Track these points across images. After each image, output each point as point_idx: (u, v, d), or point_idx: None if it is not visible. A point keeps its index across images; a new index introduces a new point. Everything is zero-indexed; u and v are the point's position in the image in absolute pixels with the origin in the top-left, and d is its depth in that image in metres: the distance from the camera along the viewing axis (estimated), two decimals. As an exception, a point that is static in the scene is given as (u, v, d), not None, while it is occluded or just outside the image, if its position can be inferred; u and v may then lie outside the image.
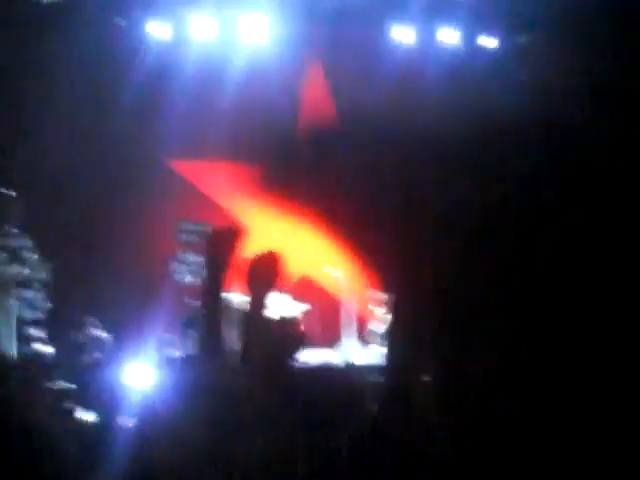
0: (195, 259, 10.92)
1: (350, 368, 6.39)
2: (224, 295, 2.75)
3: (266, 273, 2.68)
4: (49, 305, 9.83)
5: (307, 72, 11.48)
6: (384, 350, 2.43)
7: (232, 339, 3.01)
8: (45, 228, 9.99)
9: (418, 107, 11.17)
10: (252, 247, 2.76)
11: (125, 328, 8.25)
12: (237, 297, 2.54)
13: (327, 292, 11.12)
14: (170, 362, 5.94)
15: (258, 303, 2.62)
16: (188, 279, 10.94)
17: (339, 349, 9.62)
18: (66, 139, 10.58)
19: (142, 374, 6.16)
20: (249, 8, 10.87)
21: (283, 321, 3.29)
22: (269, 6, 10.86)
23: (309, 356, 3.01)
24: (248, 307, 2.62)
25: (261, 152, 11.65)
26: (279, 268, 2.70)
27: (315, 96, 11.64)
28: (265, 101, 10.99)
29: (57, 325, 9.10)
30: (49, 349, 7.65)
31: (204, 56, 10.93)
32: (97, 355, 8.62)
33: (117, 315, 9.07)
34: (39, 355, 8.39)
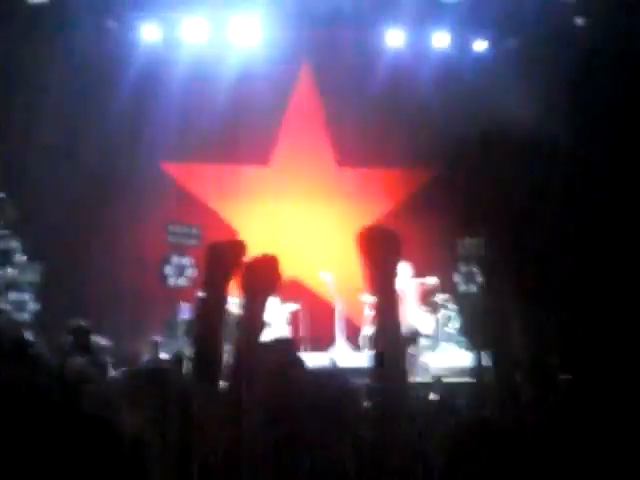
0: (184, 261, 10.90)
1: (336, 370, 6.35)
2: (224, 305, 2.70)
3: (263, 277, 2.64)
4: (38, 307, 9.78)
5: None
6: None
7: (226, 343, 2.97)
8: (35, 230, 9.91)
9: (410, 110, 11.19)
10: (248, 251, 2.72)
11: (113, 331, 8.20)
12: (233, 301, 2.50)
13: (318, 295, 11.09)
14: (157, 364, 5.88)
15: (255, 307, 2.58)
16: (177, 281, 10.91)
17: (330, 352, 9.58)
18: (56, 142, 10.52)
19: (129, 376, 6.12)
20: (241, 11, 10.82)
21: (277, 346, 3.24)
22: (261, 9, 10.81)
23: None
24: (243, 312, 2.58)
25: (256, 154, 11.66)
26: (276, 272, 2.65)
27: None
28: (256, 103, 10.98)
29: (45, 327, 9.02)
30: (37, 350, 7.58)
31: (196, 59, 10.89)
32: (83, 358, 8.53)
33: (105, 318, 9.02)
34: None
